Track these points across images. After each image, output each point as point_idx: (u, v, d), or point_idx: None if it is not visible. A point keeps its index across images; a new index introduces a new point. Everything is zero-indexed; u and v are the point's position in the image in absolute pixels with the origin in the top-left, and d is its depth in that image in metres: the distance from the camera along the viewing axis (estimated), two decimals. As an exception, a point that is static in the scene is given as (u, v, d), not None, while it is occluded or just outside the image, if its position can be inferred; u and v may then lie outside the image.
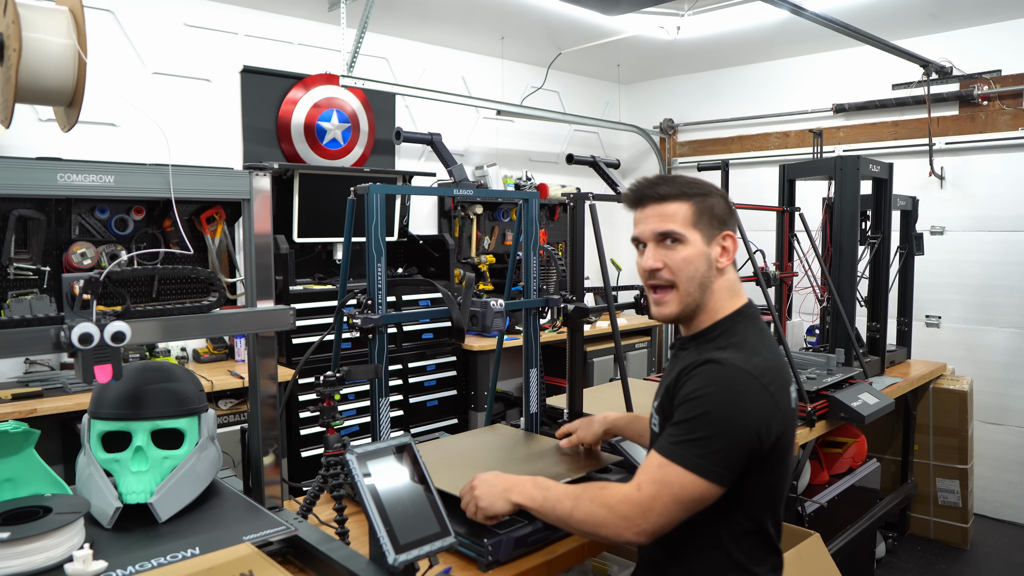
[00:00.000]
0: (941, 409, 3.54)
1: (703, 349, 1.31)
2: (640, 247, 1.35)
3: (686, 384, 1.24)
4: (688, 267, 1.29)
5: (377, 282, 1.60)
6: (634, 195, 1.35)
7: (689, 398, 1.21)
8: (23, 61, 1.05)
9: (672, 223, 1.29)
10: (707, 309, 1.34)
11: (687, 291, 1.30)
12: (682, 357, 1.35)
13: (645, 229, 1.32)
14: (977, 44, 3.94)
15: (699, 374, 1.23)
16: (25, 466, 1.34)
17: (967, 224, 4.04)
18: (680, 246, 1.29)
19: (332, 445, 1.50)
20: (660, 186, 1.32)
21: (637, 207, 1.35)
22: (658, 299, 1.33)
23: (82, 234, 3.10)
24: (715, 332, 1.33)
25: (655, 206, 1.32)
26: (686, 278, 1.30)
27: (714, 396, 1.20)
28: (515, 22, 4.02)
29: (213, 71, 3.59)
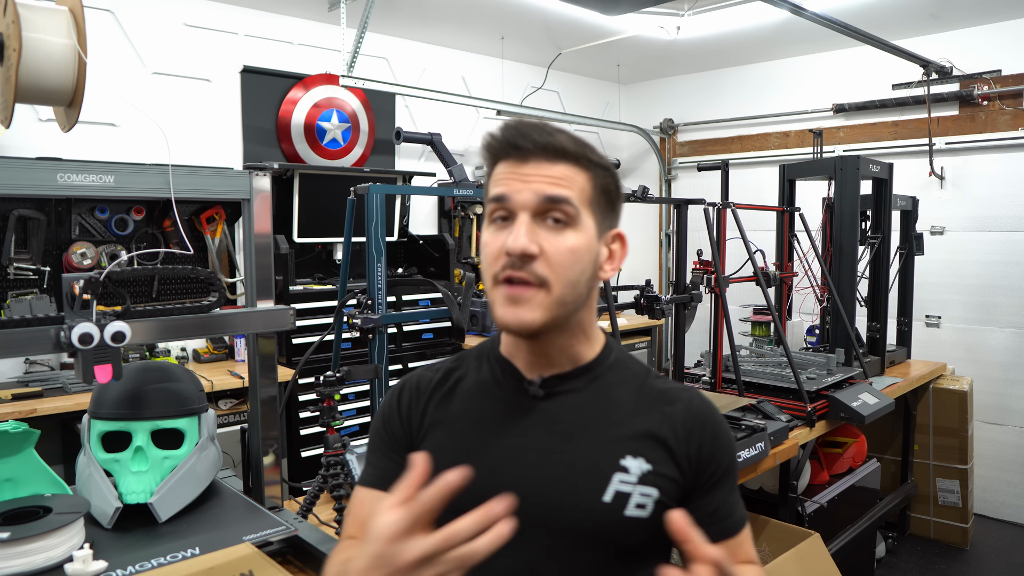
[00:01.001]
0: (941, 409, 3.54)
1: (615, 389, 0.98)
2: (497, 217, 0.90)
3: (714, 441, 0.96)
4: (574, 264, 0.88)
5: (377, 282, 1.60)
6: (508, 140, 0.90)
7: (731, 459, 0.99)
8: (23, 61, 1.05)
9: (568, 189, 0.88)
10: (581, 333, 0.97)
11: (561, 299, 0.88)
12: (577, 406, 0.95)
13: (523, 190, 0.87)
14: (977, 44, 3.94)
15: (717, 431, 0.97)
16: (25, 466, 1.34)
17: (967, 224, 4.04)
18: (568, 231, 0.88)
19: (332, 445, 1.50)
20: (555, 135, 0.89)
21: (511, 157, 0.90)
22: (516, 295, 0.87)
23: (82, 234, 3.09)
24: (606, 364, 0.99)
25: (543, 163, 0.89)
26: (567, 280, 0.88)
27: (729, 431, 1.01)
28: (515, 22, 4.02)
29: (213, 71, 3.59)
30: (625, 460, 0.92)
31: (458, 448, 0.95)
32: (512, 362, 0.99)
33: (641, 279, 2.84)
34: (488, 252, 0.90)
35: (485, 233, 0.92)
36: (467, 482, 0.86)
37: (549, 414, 0.95)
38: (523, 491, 0.88)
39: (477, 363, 1.03)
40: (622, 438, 0.94)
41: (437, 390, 1.01)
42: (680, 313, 2.45)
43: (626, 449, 0.93)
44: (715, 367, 2.51)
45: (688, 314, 2.48)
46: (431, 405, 1.00)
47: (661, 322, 4.98)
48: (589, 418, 0.95)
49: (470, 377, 1.02)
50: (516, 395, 0.97)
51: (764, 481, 2.67)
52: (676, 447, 0.95)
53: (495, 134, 0.92)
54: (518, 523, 0.84)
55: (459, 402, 1.00)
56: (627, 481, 0.91)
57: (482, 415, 0.97)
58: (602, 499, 0.90)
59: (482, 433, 0.96)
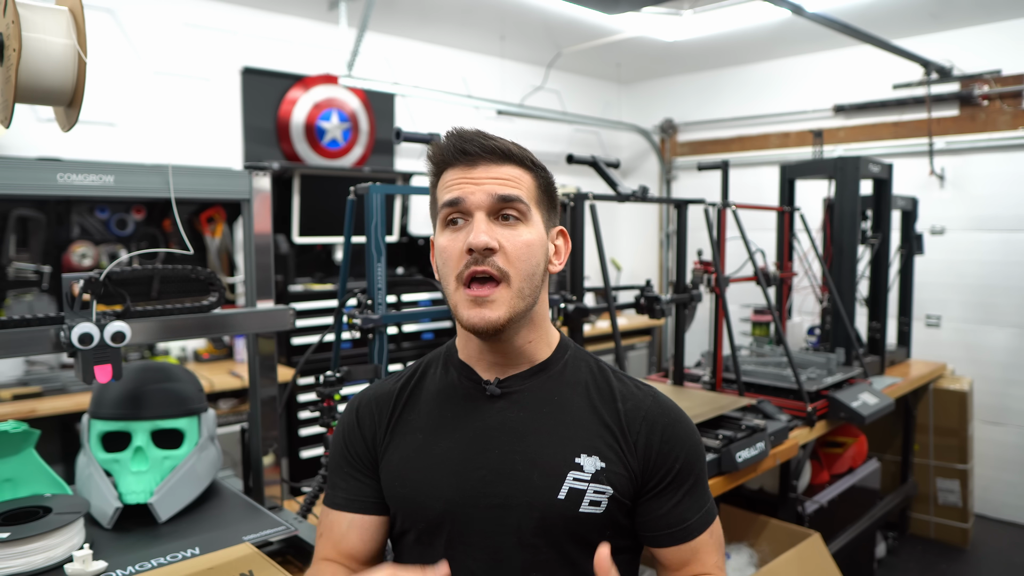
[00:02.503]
0: (941, 409, 3.54)
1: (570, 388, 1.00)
2: (452, 221, 0.95)
3: (664, 443, 0.98)
4: (530, 257, 0.94)
5: (377, 282, 1.60)
6: (455, 146, 0.95)
7: (688, 458, 1.00)
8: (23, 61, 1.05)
9: (517, 188, 0.95)
10: (537, 328, 1.01)
11: (520, 291, 0.93)
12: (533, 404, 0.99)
13: (476, 192, 0.93)
14: (977, 44, 3.94)
15: (671, 427, 1.00)
16: (25, 466, 1.34)
17: (967, 224, 4.04)
18: (522, 226, 0.94)
19: (332, 445, 1.50)
20: (497, 142, 0.96)
21: (459, 164, 0.96)
22: (481, 296, 0.92)
23: (82, 234, 3.10)
24: (562, 362, 1.03)
25: (491, 166, 0.95)
26: (525, 273, 0.94)
27: (694, 433, 1.02)
28: (515, 22, 4.02)
29: (213, 71, 3.59)
30: (579, 458, 0.96)
31: (421, 452, 0.99)
32: (470, 365, 1.02)
33: (641, 279, 2.84)
34: (448, 255, 0.94)
35: (441, 238, 0.96)
36: (432, 485, 0.95)
37: (507, 413, 0.99)
38: (486, 488, 0.95)
39: (435, 369, 1.07)
40: (577, 436, 0.97)
41: (399, 400, 1.05)
42: (680, 313, 2.45)
43: (580, 447, 0.97)
44: (715, 367, 2.51)
45: (688, 314, 2.48)
46: (394, 416, 1.03)
47: (661, 322, 4.99)
48: (545, 416, 0.99)
49: (430, 383, 1.05)
50: (475, 397, 1.01)
51: (764, 481, 2.67)
52: (625, 446, 0.98)
53: (440, 143, 0.98)
54: (486, 518, 0.93)
55: (421, 408, 1.03)
56: (581, 479, 0.95)
57: (443, 419, 1.00)
58: (557, 496, 0.94)
59: (444, 436, 0.99)
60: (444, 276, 0.97)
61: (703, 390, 2.51)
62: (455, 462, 0.97)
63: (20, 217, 2.89)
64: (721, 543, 1.03)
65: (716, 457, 1.91)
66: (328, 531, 1.03)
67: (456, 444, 0.98)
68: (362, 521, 1.02)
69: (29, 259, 2.93)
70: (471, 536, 0.95)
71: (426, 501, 0.97)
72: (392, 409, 1.04)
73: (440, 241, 0.96)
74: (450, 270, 0.95)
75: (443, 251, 0.95)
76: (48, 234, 2.99)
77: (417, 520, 0.98)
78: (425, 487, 0.97)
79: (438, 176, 0.99)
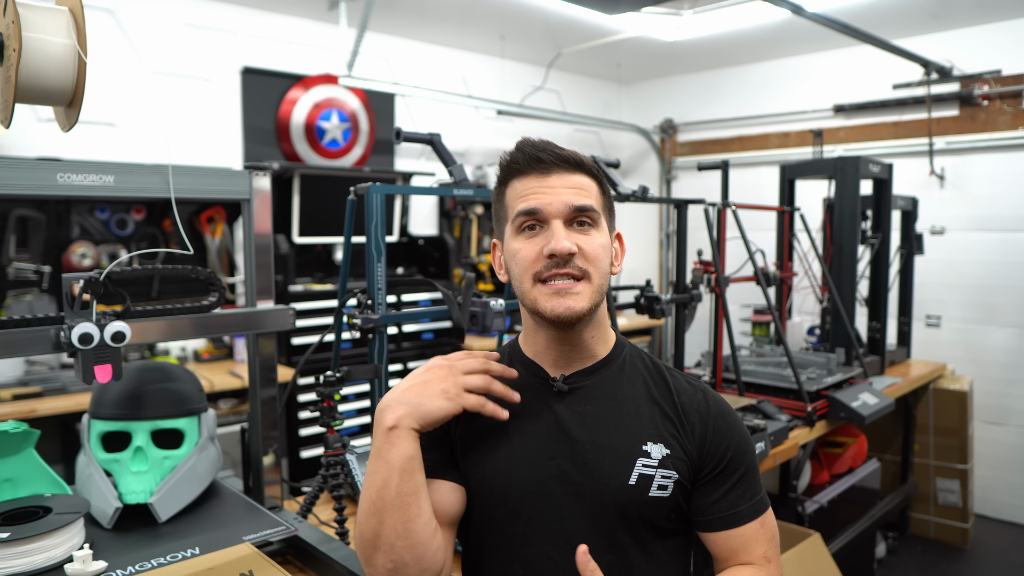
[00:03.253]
0: (941, 409, 3.54)
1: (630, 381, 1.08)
2: (527, 227, 1.01)
3: (716, 433, 1.05)
4: (604, 257, 1.02)
5: (377, 282, 1.60)
6: (530, 155, 1.01)
7: (738, 447, 1.06)
8: (23, 61, 1.05)
9: (590, 198, 1.02)
10: (600, 324, 1.09)
11: (600, 287, 1.01)
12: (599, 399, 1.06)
13: (554, 200, 0.99)
14: (977, 44, 3.94)
15: (721, 417, 1.07)
16: (25, 466, 1.34)
17: (967, 224, 4.04)
18: (595, 230, 1.02)
19: (332, 445, 1.50)
20: (569, 152, 1.03)
21: (533, 172, 1.02)
22: (566, 289, 0.99)
23: (82, 234, 3.10)
24: (620, 359, 1.10)
25: (564, 175, 1.01)
26: (601, 271, 1.01)
27: (742, 426, 1.09)
28: (515, 22, 4.02)
29: (213, 71, 3.59)
30: (646, 446, 1.03)
31: (498, 444, 1.05)
32: (537, 362, 1.09)
33: (641, 279, 2.84)
34: (524, 256, 1.01)
35: (515, 242, 1.03)
36: (509, 474, 1.03)
37: (575, 408, 1.05)
38: (560, 477, 1.02)
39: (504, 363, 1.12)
40: (642, 425, 1.04)
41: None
42: (680, 313, 2.45)
43: (647, 436, 1.03)
44: (715, 367, 2.51)
45: (688, 314, 2.48)
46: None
47: (661, 322, 4.98)
48: (610, 408, 1.05)
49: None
50: (543, 393, 1.07)
51: (764, 481, 2.67)
52: (684, 433, 1.05)
53: (515, 152, 1.04)
54: (561, 505, 1.02)
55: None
56: (649, 465, 1.02)
57: (515, 413, 1.05)
58: (628, 482, 1.00)
59: (519, 429, 1.05)
60: (518, 276, 1.03)
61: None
62: (530, 453, 1.03)
63: (20, 217, 2.89)
64: (774, 536, 1.07)
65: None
66: None
67: (530, 436, 1.04)
68: (448, 486, 1.06)
69: (29, 259, 2.93)
70: (548, 523, 1.01)
71: (505, 490, 1.02)
72: None
73: (514, 245, 1.02)
74: (525, 270, 1.01)
75: (518, 253, 1.01)
76: (48, 234, 2.99)
77: (495, 508, 1.03)
78: (503, 476, 1.02)
79: (507, 183, 1.05)
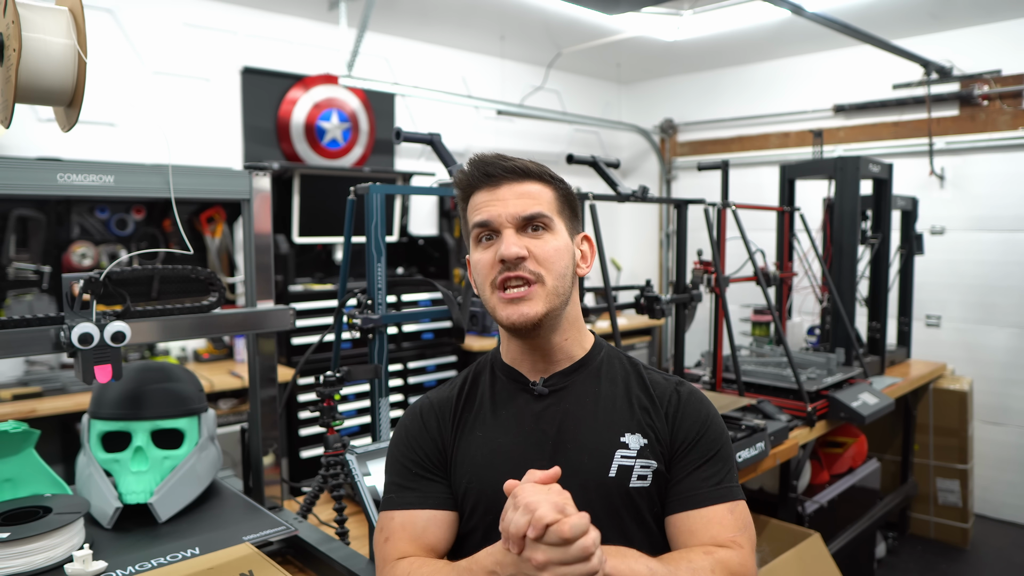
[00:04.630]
0: (941, 409, 3.54)
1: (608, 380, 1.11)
2: (483, 238, 1.06)
3: (684, 418, 1.08)
4: (559, 259, 1.05)
5: (377, 282, 1.60)
6: (479, 171, 1.06)
7: (704, 431, 1.08)
8: (23, 61, 1.05)
9: (539, 205, 1.05)
10: (572, 327, 1.11)
11: (555, 289, 1.04)
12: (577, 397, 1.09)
13: (502, 211, 1.04)
14: (977, 44, 3.94)
15: (690, 402, 1.10)
16: (25, 466, 1.34)
17: (967, 224, 4.04)
18: (548, 234, 1.05)
19: (332, 445, 1.50)
20: (516, 162, 1.07)
21: (484, 187, 1.07)
22: (517, 296, 1.02)
23: (82, 234, 3.10)
24: (599, 359, 1.14)
25: (513, 185, 1.06)
26: (557, 273, 1.04)
27: (715, 415, 1.11)
28: (515, 22, 4.02)
29: (213, 71, 3.59)
30: (624, 437, 1.06)
31: (484, 451, 1.08)
32: (516, 368, 1.12)
33: (641, 279, 2.84)
34: (482, 266, 1.06)
35: (475, 254, 1.08)
36: (497, 480, 1.02)
37: (555, 408, 1.08)
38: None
39: (484, 375, 1.17)
40: (620, 419, 1.08)
41: (457, 405, 1.14)
42: (680, 313, 2.45)
43: (624, 427, 1.07)
44: (715, 367, 2.51)
45: (688, 314, 2.48)
46: (455, 420, 1.13)
47: (661, 322, 4.98)
48: (589, 405, 1.08)
49: (482, 389, 1.15)
50: (524, 397, 1.10)
51: (764, 481, 2.67)
52: (658, 420, 1.08)
53: (465, 170, 1.08)
54: None
55: (478, 411, 1.13)
56: (628, 456, 1.05)
57: (499, 419, 1.10)
58: (608, 475, 1.03)
59: (502, 435, 1.09)
60: (480, 286, 1.08)
61: (703, 390, 2.50)
62: (515, 457, 1.06)
63: (20, 217, 2.89)
64: (746, 525, 1.04)
65: (716, 457, 1.91)
66: (401, 531, 1.07)
67: (514, 441, 1.08)
68: (442, 516, 1.09)
69: (29, 259, 2.93)
70: None
71: (494, 496, 1.03)
72: (454, 413, 1.13)
73: (474, 256, 1.08)
74: (484, 278, 1.06)
75: (477, 263, 1.07)
76: (48, 234, 2.99)
77: (487, 514, 1.07)
78: (491, 483, 1.04)
79: (467, 200, 1.09)
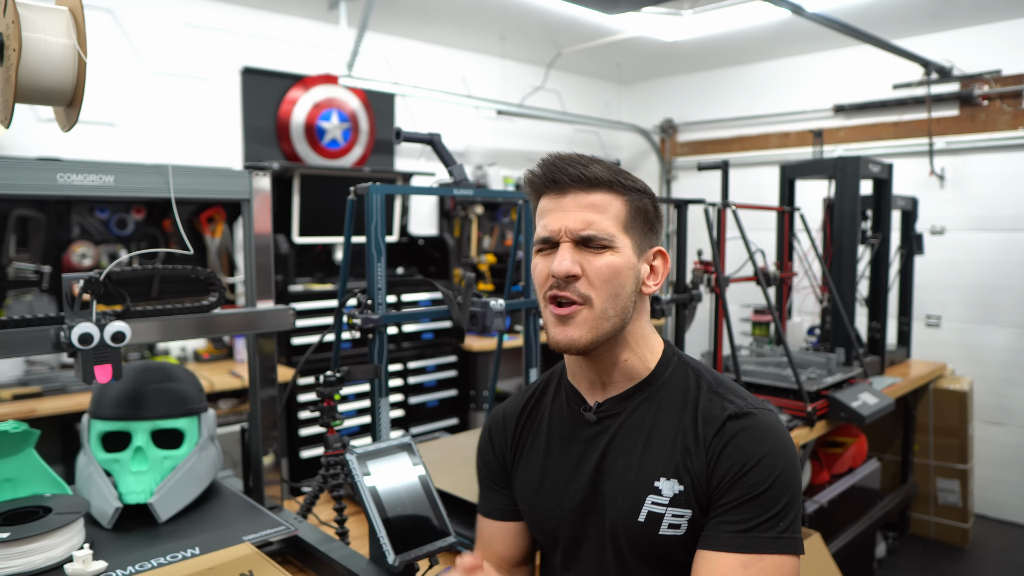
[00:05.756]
0: (941, 409, 3.54)
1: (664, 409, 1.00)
2: (543, 248, 1.00)
3: (727, 456, 0.94)
4: (614, 279, 0.96)
5: (377, 282, 1.60)
6: (547, 175, 0.98)
7: (749, 468, 0.92)
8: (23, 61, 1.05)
9: (602, 220, 0.96)
10: (634, 346, 1.02)
11: (604, 313, 0.95)
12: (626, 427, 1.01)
13: (565, 222, 0.96)
14: (977, 44, 3.94)
15: (738, 437, 0.94)
16: (25, 466, 1.34)
17: (967, 224, 4.04)
18: (607, 252, 0.96)
19: (332, 445, 1.50)
20: (589, 166, 0.97)
21: (551, 191, 0.99)
22: (563, 315, 0.96)
23: (82, 234, 3.09)
24: (661, 380, 1.02)
25: (579, 195, 0.97)
26: (609, 295, 0.95)
27: (777, 453, 0.94)
28: (515, 22, 4.02)
29: (213, 71, 3.59)
30: (659, 482, 0.97)
31: (538, 473, 1.08)
32: (575, 385, 1.08)
33: (641, 279, 2.84)
34: (537, 273, 1.01)
35: (535, 259, 1.03)
36: (544, 504, 1.06)
37: (601, 438, 1.03)
38: (584, 506, 1.03)
39: (551, 388, 1.14)
40: (659, 460, 0.98)
41: (519, 420, 1.14)
42: (680, 313, 2.45)
43: (660, 471, 0.98)
44: (715, 367, 2.51)
45: (688, 314, 2.48)
46: (515, 436, 1.13)
47: (661, 322, 4.97)
48: (634, 439, 1.01)
49: (546, 403, 1.13)
50: (578, 420, 1.07)
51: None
52: (697, 466, 0.96)
53: (535, 171, 1.01)
54: (588, 535, 1.03)
55: (539, 429, 1.12)
56: (659, 503, 0.96)
57: (552, 441, 1.08)
58: (638, 519, 0.97)
59: (555, 458, 1.07)
60: (537, 293, 1.04)
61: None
62: (562, 484, 1.05)
63: (20, 217, 2.89)
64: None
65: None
66: (480, 536, 1.17)
67: (562, 466, 1.06)
68: (504, 528, 1.13)
69: (29, 259, 2.93)
70: (580, 551, 1.04)
71: (543, 520, 1.06)
72: (515, 429, 1.13)
73: (534, 262, 1.03)
74: (539, 289, 1.01)
75: (534, 270, 1.02)
76: (48, 234, 2.99)
77: (540, 535, 1.09)
78: (541, 507, 1.06)
79: (536, 200, 1.04)
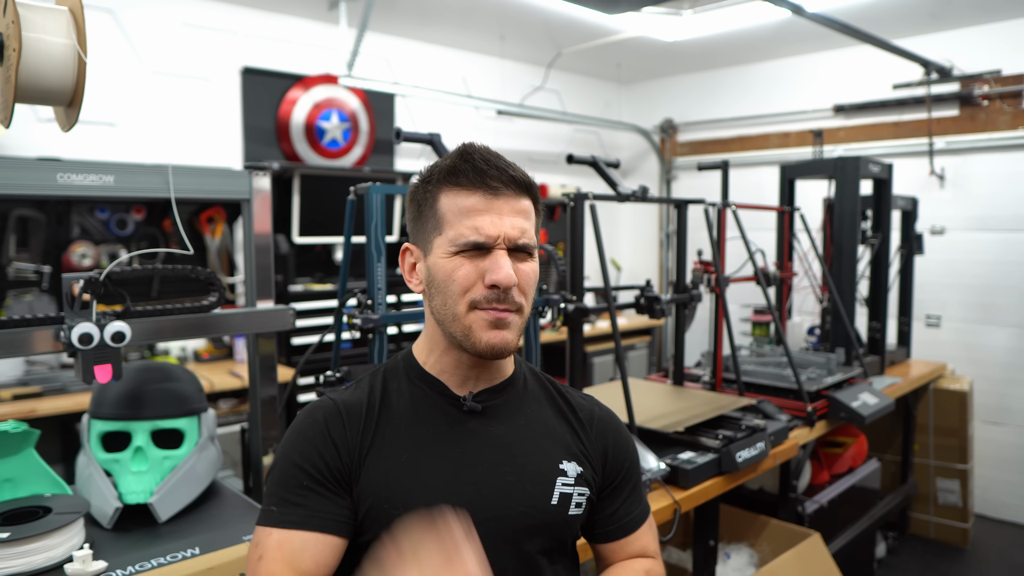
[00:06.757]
0: (941, 409, 3.54)
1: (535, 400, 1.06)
2: (467, 248, 0.92)
3: (616, 446, 1.08)
4: (535, 286, 0.98)
5: (377, 282, 1.60)
6: (476, 172, 0.92)
7: (632, 456, 1.11)
8: (23, 61, 1.05)
9: (530, 227, 0.96)
10: None
11: (526, 317, 0.97)
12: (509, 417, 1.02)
13: (503, 228, 0.91)
14: (977, 44, 3.94)
15: (616, 427, 1.10)
16: (25, 466, 1.34)
17: (967, 224, 4.04)
18: (531, 258, 0.96)
19: (332, 445, 1.49)
20: (517, 172, 0.94)
21: (481, 191, 0.92)
22: (501, 320, 0.92)
23: (82, 234, 3.10)
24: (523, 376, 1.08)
25: (512, 198, 0.94)
26: (530, 300, 0.97)
27: (630, 436, 1.15)
28: (515, 22, 4.02)
29: (213, 71, 3.59)
30: (563, 464, 1.01)
31: (409, 471, 0.94)
32: (440, 380, 1.00)
33: (641, 279, 2.84)
34: (461, 277, 0.91)
35: (449, 261, 0.92)
36: (427, 501, 0.91)
37: (488, 428, 0.99)
38: (480, 503, 0.94)
39: (398, 383, 1.01)
40: (556, 444, 1.03)
41: (370, 415, 0.97)
42: (680, 313, 2.45)
43: (561, 455, 1.02)
44: (715, 367, 2.51)
45: (688, 314, 2.48)
46: (368, 432, 0.96)
47: (661, 322, 4.98)
48: (522, 428, 1.02)
49: (397, 398, 1.00)
50: (453, 413, 0.99)
51: (764, 481, 2.67)
52: (590, 449, 1.06)
53: (461, 162, 0.93)
54: (481, 531, 0.88)
55: (397, 425, 0.97)
56: (567, 483, 1.00)
57: (424, 436, 0.97)
58: (551, 502, 0.98)
59: (429, 454, 0.95)
60: (451, 298, 0.93)
61: (703, 390, 2.51)
62: (446, 479, 0.94)
63: (20, 217, 2.89)
64: (656, 532, 1.14)
65: (716, 457, 1.91)
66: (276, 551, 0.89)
67: (444, 461, 0.95)
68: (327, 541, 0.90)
69: (29, 259, 2.93)
70: None
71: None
72: (366, 424, 0.96)
73: (448, 264, 0.92)
74: (460, 293, 0.92)
75: (454, 273, 0.92)
76: (48, 234, 2.99)
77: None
78: (413, 504, 0.91)
79: (440, 190, 0.94)
